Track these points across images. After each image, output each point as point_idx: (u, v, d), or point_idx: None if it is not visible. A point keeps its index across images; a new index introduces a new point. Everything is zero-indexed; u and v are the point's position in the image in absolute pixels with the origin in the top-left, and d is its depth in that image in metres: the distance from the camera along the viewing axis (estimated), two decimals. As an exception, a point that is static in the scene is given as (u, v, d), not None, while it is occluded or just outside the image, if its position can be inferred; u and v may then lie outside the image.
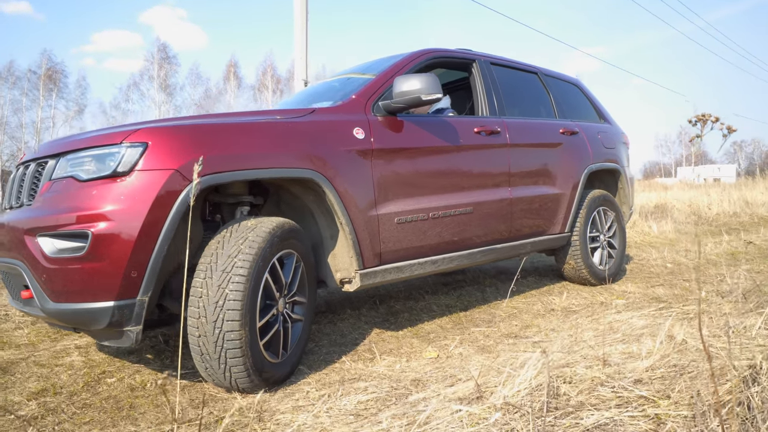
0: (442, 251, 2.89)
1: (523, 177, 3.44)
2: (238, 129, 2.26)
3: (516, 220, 3.36)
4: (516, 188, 3.35)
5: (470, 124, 3.19)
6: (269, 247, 2.15)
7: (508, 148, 3.35)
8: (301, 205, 2.66)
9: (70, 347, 2.86)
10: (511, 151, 3.37)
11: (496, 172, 3.27)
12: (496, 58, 3.77)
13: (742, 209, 11.36)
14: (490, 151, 3.24)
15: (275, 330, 2.23)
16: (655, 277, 4.42)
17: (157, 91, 40.35)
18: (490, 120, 3.34)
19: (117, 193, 1.93)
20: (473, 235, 3.06)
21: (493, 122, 3.33)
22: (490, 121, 3.33)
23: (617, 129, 4.66)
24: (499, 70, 3.70)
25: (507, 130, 3.38)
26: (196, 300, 2.02)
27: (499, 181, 3.26)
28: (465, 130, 3.11)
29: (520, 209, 3.37)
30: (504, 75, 3.72)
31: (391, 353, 2.65)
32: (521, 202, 3.37)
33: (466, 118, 3.26)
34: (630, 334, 2.45)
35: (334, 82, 3.58)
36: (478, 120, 3.28)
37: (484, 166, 3.20)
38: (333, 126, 2.55)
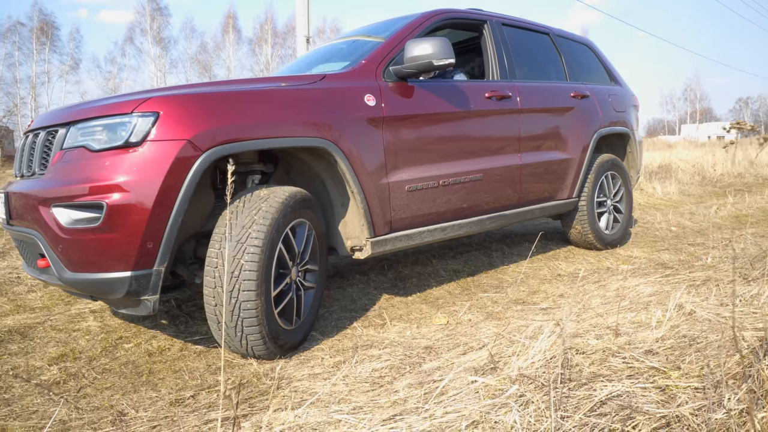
0: (452, 218, 2.89)
1: (534, 142, 3.41)
2: (249, 97, 2.22)
3: (525, 186, 3.35)
4: (526, 154, 3.32)
5: (481, 89, 3.13)
6: (282, 217, 2.15)
7: (519, 114, 3.30)
8: (311, 173, 2.64)
9: (84, 312, 2.91)
10: (521, 117, 3.32)
11: (507, 138, 3.23)
12: (508, 19, 3.67)
13: (746, 170, 11.31)
14: (500, 117, 3.19)
15: (289, 298, 2.27)
16: (660, 241, 4.45)
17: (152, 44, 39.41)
18: (501, 84, 3.27)
19: (130, 163, 1.92)
20: (483, 201, 3.06)
21: (504, 86, 3.27)
22: (501, 85, 3.26)
23: (628, 91, 4.57)
24: (511, 31, 3.60)
25: (518, 94, 3.32)
26: (212, 270, 2.04)
27: (509, 147, 3.23)
28: (475, 95, 3.05)
29: (529, 175, 3.35)
30: (515, 36, 3.62)
31: (401, 319, 2.70)
32: (531, 168, 3.35)
33: (476, 83, 3.20)
34: (638, 302, 2.49)
35: (341, 44, 3.49)
36: (489, 84, 3.22)
37: (494, 132, 3.16)
38: (344, 93, 2.50)
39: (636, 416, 1.33)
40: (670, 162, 13.01)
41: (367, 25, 3.63)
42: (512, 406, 1.35)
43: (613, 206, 4.20)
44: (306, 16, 8.49)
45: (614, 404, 1.40)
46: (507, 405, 1.37)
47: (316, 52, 3.71)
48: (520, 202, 3.37)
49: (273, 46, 41.50)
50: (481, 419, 1.30)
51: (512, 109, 3.26)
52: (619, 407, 1.38)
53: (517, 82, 3.39)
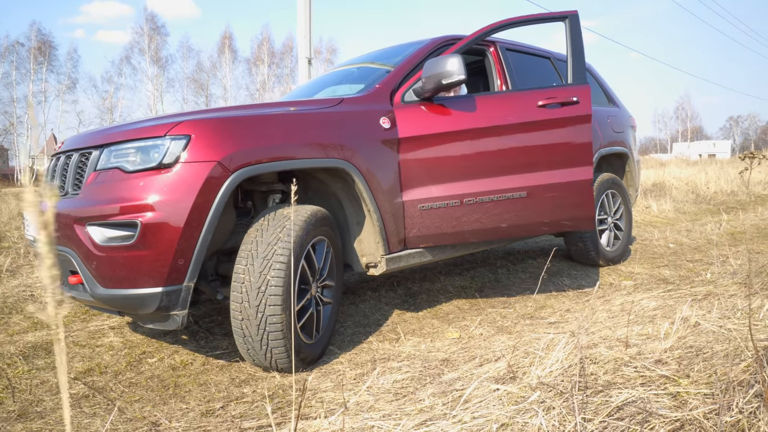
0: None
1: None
2: (274, 120, 2.34)
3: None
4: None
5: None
6: (305, 234, 2.25)
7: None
8: (328, 192, 2.75)
9: (104, 328, 2.97)
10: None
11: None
12: (512, 44, 3.82)
13: (739, 187, 11.52)
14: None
15: (309, 313, 2.35)
16: (660, 257, 4.57)
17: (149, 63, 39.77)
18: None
19: (163, 184, 2.02)
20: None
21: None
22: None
23: (625, 112, 4.74)
24: (514, 56, 3.75)
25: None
26: (239, 286, 2.13)
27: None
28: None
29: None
30: (518, 60, 3.77)
31: (415, 333, 2.78)
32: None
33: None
34: (643, 316, 2.59)
35: (353, 69, 3.63)
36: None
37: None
38: (361, 116, 2.62)
39: (652, 419, 1.42)
40: (664, 180, 13.25)
41: (377, 51, 3.78)
42: (537, 411, 1.44)
43: (614, 224, 4.33)
44: (308, 37, 8.69)
45: (631, 409, 1.49)
46: (531, 410, 1.46)
47: (328, 76, 3.85)
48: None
49: (269, 65, 41.95)
50: (509, 422, 1.39)
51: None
52: (635, 411, 1.47)
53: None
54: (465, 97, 2.99)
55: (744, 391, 1.49)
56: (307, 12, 8.59)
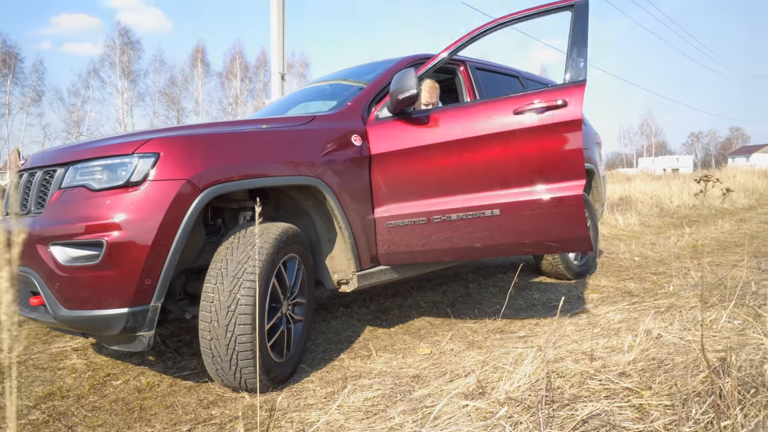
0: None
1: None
2: (244, 138, 2.34)
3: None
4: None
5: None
6: (276, 252, 2.25)
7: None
8: (299, 210, 2.75)
9: (66, 350, 2.89)
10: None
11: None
12: (481, 63, 3.92)
13: (701, 202, 11.92)
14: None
15: (280, 331, 2.34)
16: (625, 270, 4.69)
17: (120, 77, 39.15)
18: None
19: (130, 202, 1.99)
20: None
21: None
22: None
23: (591, 130, 4.88)
24: (483, 74, 3.84)
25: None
26: (208, 305, 2.11)
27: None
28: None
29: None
30: (487, 78, 3.86)
31: (386, 350, 2.78)
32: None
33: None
34: (609, 329, 2.66)
35: (325, 86, 3.66)
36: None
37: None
38: (332, 134, 2.64)
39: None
40: (630, 194, 13.64)
41: (350, 68, 3.82)
42: (504, 426, 1.46)
43: (581, 238, 4.43)
44: (281, 53, 8.71)
45: (595, 422, 1.53)
46: (499, 425, 1.49)
47: (302, 92, 3.87)
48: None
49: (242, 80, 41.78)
50: (477, 439, 1.41)
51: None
52: (599, 425, 1.51)
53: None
54: (437, 110, 2.79)
55: (701, 401, 1.55)
56: (280, 28, 8.62)
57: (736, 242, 6.47)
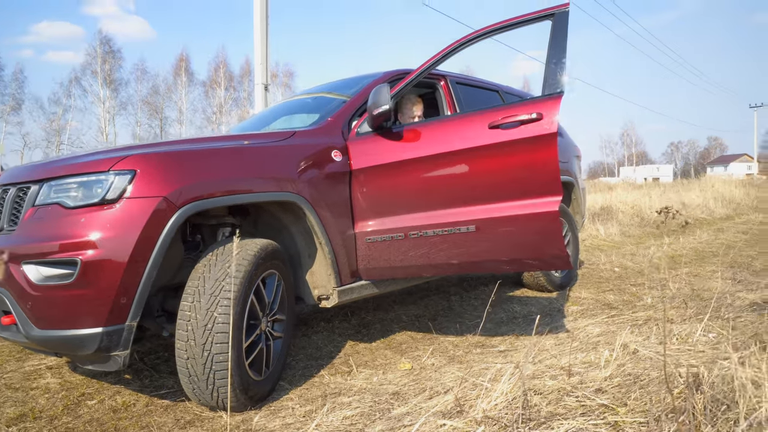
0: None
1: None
2: (222, 154, 2.32)
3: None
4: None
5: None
6: (254, 269, 2.23)
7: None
8: (279, 225, 2.74)
9: (40, 368, 2.83)
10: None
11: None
12: (461, 77, 3.96)
13: (680, 211, 12.13)
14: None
15: (259, 349, 2.31)
16: (605, 282, 4.74)
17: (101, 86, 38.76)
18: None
19: (106, 220, 1.96)
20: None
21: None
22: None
23: (570, 142, 4.95)
24: (463, 88, 3.88)
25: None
26: (185, 323, 2.08)
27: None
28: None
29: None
30: (467, 93, 3.90)
31: (367, 365, 2.77)
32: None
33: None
34: (588, 343, 2.68)
35: (308, 100, 3.67)
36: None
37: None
38: (312, 149, 2.64)
39: (590, 451, 1.47)
40: (612, 204, 13.83)
41: (331, 82, 3.84)
42: (480, 447, 1.46)
43: (562, 250, 4.47)
44: (264, 64, 8.72)
45: (571, 441, 1.53)
46: (475, 446, 1.49)
47: (285, 104, 3.88)
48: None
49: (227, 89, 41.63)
50: (452, 461, 1.41)
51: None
52: (575, 443, 1.52)
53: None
54: (413, 125, 2.80)
55: (674, 419, 1.57)
56: (264, 39, 8.64)
57: (713, 252, 6.59)
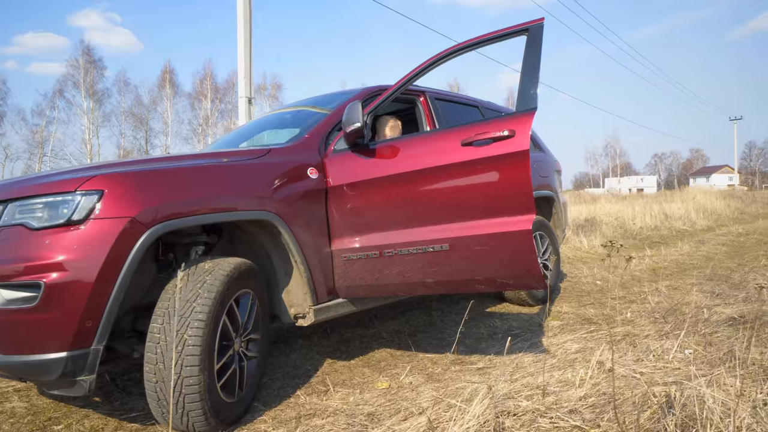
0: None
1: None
2: (195, 172, 2.29)
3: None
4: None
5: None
6: (227, 289, 2.19)
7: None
8: (255, 242, 2.70)
9: (8, 391, 2.75)
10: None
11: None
12: (441, 93, 3.98)
13: (662, 223, 12.29)
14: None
15: (231, 370, 2.27)
16: (586, 295, 4.76)
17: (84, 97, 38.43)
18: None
19: (71, 242, 1.92)
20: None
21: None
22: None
23: (551, 157, 4.99)
24: (443, 104, 3.90)
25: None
26: (154, 346, 2.03)
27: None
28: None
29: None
30: (447, 108, 3.92)
31: (345, 384, 2.73)
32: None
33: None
34: (565, 360, 2.67)
35: (286, 114, 3.66)
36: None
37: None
38: (287, 167, 2.62)
39: (561, 476, 1.45)
40: (596, 215, 13.96)
41: (312, 97, 3.84)
42: (449, 474, 1.44)
43: (543, 264, 4.49)
44: (248, 77, 8.72)
45: (542, 465, 1.52)
46: (444, 473, 1.46)
47: (263, 120, 3.88)
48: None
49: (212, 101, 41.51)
50: (420, 489, 1.38)
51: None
52: (545, 468, 1.50)
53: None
54: (387, 142, 2.77)
55: (645, 442, 1.56)
56: (248, 53, 8.64)
57: (694, 264, 6.66)
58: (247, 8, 8.43)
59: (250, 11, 8.58)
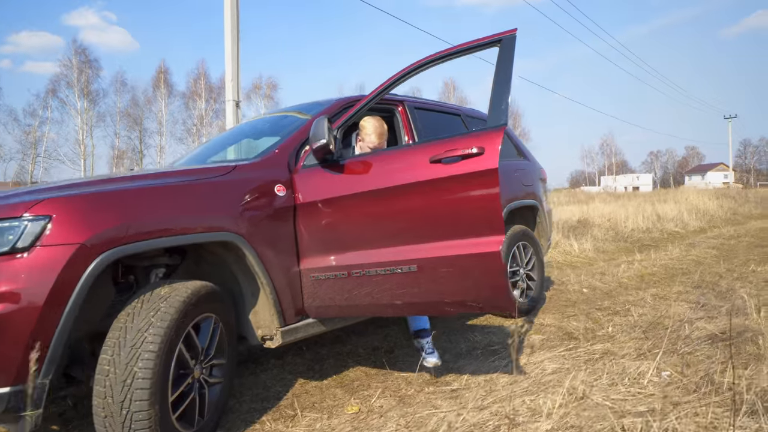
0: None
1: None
2: (151, 193, 2.21)
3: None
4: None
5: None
6: (182, 317, 2.11)
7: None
8: (222, 262, 2.62)
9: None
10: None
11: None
12: (420, 102, 3.90)
13: (654, 225, 12.24)
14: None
15: (191, 399, 2.19)
16: (572, 306, 4.69)
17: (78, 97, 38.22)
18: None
19: (15, 271, 1.83)
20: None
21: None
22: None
23: (535, 165, 4.91)
24: (422, 113, 3.81)
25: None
26: (103, 379, 1.95)
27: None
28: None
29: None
30: (427, 118, 3.83)
31: (314, 408, 2.66)
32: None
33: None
34: (539, 383, 2.60)
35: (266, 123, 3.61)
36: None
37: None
38: (253, 185, 2.53)
39: None
40: (589, 216, 13.91)
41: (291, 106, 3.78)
42: None
43: (526, 274, 4.42)
44: (235, 80, 8.63)
45: None
46: None
47: (243, 127, 3.84)
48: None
49: (207, 100, 41.34)
50: None
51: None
52: None
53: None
54: (355, 159, 2.69)
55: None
56: (235, 56, 8.55)
57: (683, 269, 6.60)
58: (234, 11, 8.36)
59: (237, 14, 8.50)
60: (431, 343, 3.06)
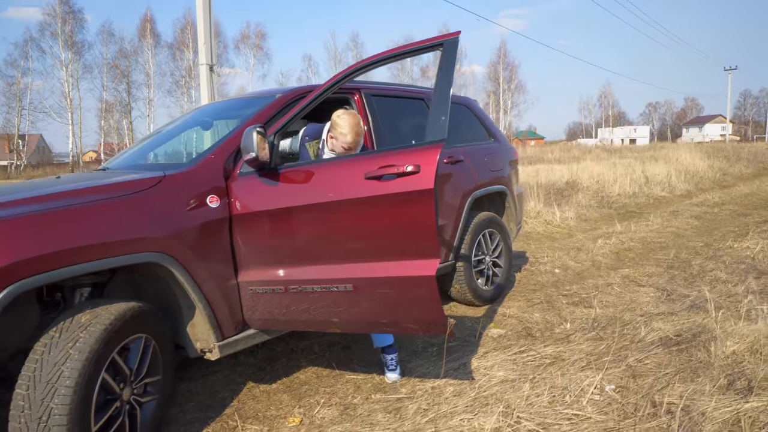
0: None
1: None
2: (65, 216, 2.07)
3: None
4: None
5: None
6: (105, 346, 2.03)
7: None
8: (156, 275, 2.52)
9: None
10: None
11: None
12: (380, 88, 3.71)
13: (641, 188, 12.14)
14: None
15: (119, 423, 2.15)
16: (539, 290, 4.66)
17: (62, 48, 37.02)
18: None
19: None
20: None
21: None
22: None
23: (506, 147, 4.75)
24: (382, 101, 3.63)
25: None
26: (18, 415, 1.90)
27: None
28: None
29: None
30: (386, 105, 3.65)
31: (257, 418, 2.64)
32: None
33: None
34: (482, 395, 2.57)
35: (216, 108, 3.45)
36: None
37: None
38: (182, 198, 2.41)
39: None
40: (578, 178, 13.79)
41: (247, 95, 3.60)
42: None
43: (492, 262, 4.35)
44: (209, 44, 8.31)
45: None
46: None
47: (197, 114, 3.69)
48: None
49: (194, 51, 40.05)
50: None
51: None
52: None
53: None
54: (291, 169, 2.53)
55: None
56: (207, 18, 8.18)
57: (660, 243, 6.57)
58: (203, -31, 7.90)
59: (207, -28, 8.04)
60: (396, 359, 2.98)
